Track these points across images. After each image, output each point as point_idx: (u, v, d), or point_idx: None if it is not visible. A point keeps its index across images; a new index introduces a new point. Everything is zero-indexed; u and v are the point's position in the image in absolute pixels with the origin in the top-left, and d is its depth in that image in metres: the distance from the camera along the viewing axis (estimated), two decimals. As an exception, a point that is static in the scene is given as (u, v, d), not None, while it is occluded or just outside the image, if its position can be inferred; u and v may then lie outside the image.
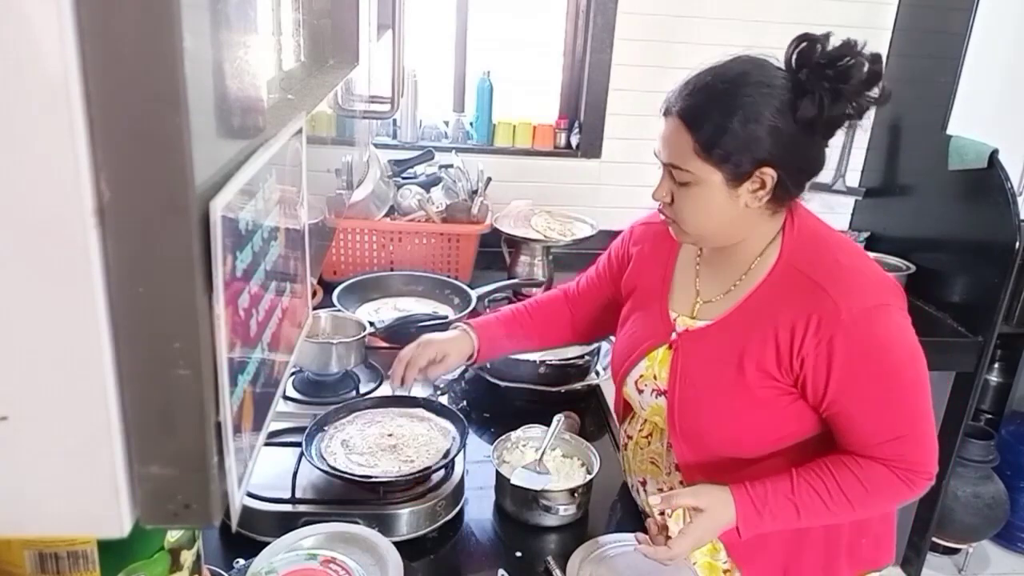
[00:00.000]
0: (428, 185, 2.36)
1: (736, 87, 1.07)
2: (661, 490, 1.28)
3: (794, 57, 1.07)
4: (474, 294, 1.98)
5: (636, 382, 1.30)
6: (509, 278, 2.23)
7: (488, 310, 1.92)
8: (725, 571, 1.28)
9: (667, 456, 1.28)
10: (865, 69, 1.05)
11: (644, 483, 1.34)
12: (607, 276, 1.45)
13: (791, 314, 1.11)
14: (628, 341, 1.32)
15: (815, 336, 1.09)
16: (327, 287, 1.96)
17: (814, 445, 1.18)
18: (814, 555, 1.25)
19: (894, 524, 1.35)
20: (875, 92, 1.07)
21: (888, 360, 1.10)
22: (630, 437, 1.37)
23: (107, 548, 0.67)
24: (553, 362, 1.67)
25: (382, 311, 1.96)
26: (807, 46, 1.06)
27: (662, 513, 1.14)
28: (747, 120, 1.06)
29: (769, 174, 1.09)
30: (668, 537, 1.11)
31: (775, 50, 1.12)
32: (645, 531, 1.17)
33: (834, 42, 1.06)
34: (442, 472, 1.28)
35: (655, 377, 1.26)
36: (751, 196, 1.11)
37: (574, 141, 2.66)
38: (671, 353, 1.24)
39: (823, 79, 1.05)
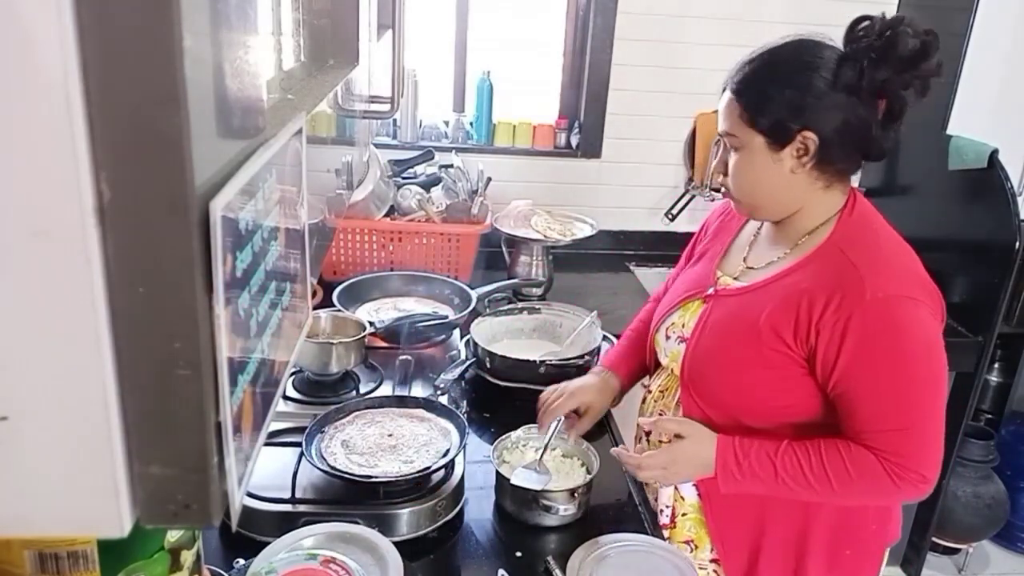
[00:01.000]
0: (428, 185, 2.36)
1: (782, 59, 1.16)
2: (661, 443, 1.30)
3: (847, 34, 1.13)
4: (474, 294, 1.98)
5: (667, 329, 1.37)
6: (509, 278, 2.23)
7: (488, 310, 1.92)
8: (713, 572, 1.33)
9: (674, 412, 1.32)
10: (913, 42, 1.08)
11: (648, 432, 1.37)
12: (683, 267, 1.51)
13: (818, 287, 1.14)
14: (672, 294, 1.40)
15: (835, 311, 1.11)
16: (327, 287, 1.96)
17: (818, 431, 1.18)
18: (823, 531, 1.27)
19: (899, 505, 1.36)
20: (929, 65, 1.10)
21: (902, 348, 1.11)
22: (649, 391, 1.44)
23: (107, 548, 0.67)
24: (553, 362, 1.67)
25: (382, 311, 1.96)
26: (866, 25, 1.11)
27: (648, 433, 1.23)
28: (788, 86, 1.13)
29: (811, 138, 1.13)
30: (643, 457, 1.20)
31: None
32: (647, 531, 1.21)
33: (886, 16, 1.11)
34: (442, 472, 1.28)
35: (683, 325, 1.33)
36: (795, 162, 1.15)
37: (574, 141, 2.66)
38: (703, 306, 1.30)
39: (869, 48, 1.10)
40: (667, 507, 1.37)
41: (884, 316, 1.09)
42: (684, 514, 1.35)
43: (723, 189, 1.26)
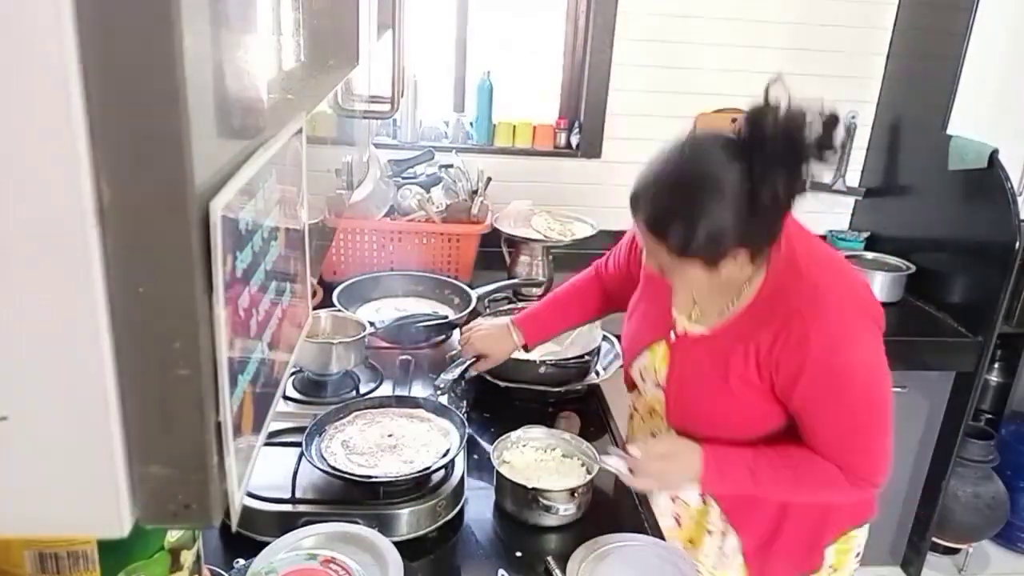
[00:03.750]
0: (428, 185, 2.36)
1: (692, 192, 1.10)
2: None
3: (747, 136, 1.08)
4: (474, 294, 1.98)
5: (641, 371, 1.43)
6: (509, 278, 2.23)
7: (488, 310, 1.92)
8: (709, 531, 1.40)
9: (666, 431, 1.40)
10: (816, 131, 1.06)
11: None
12: (629, 260, 1.56)
13: (769, 335, 1.20)
14: (636, 329, 1.44)
15: (786, 352, 1.19)
16: (327, 287, 1.96)
17: (796, 434, 1.27)
18: (803, 515, 1.35)
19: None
20: (833, 141, 1.08)
21: (847, 387, 1.19)
22: (636, 410, 1.53)
23: (107, 548, 0.67)
24: (553, 362, 1.67)
25: (382, 311, 1.96)
26: (758, 120, 1.06)
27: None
28: (710, 222, 1.09)
29: (743, 251, 1.14)
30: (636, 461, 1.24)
31: (774, 50, 1.12)
32: (647, 531, 1.25)
33: (784, 110, 1.06)
34: (442, 472, 1.28)
35: (655, 371, 1.38)
36: (731, 268, 1.16)
37: (574, 141, 2.66)
38: (669, 353, 1.35)
39: (777, 162, 1.06)
40: (662, 515, 1.41)
41: (829, 360, 1.17)
42: (690, 517, 1.42)
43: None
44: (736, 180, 1.08)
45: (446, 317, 1.91)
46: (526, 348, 1.61)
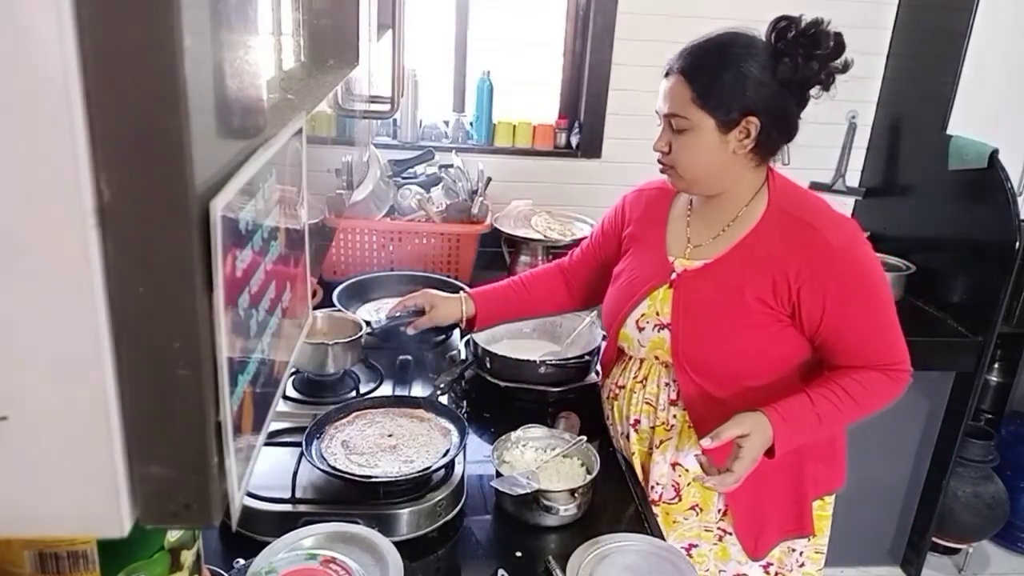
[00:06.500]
0: (428, 185, 2.36)
1: (727, 48, 1.27)
2: (655, 428, 1.45)
3: (774, 32, 1.27)
4: (474, 294, 1.98)
5: (637, 321, 1.43)
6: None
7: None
8: (719, 529, 1.44)
9: (662, 394, 1.43)
10: (831, 40, 1.24)
11: (637, 422, 1.46)
12: (600, 243, 1.61)
13: (787, 250, 1.28)
14: (626, 287, 1.46)
15: (810, 268, 1.26)
16: (327, 287, 1.96)
17: (809, 368, 1.36)
18: (783, 481, 1.41)
19: (844, 451, 1.50)
20: (840, 62, 1.26)
21: (871, 283, 1.29)
22: (621, 387, 1.50)
23: (107, 548, 0.67)
24: (553, 362, 1.67)
25: (382, 311, 1.95)
26: (784, 23, 1.26)
27: (703, 452, 1.28)
28: (736, 74, 1.24)
29: (753, 123, 1.26)
30: (726, 470, 1.24)
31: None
32: (647, 531, 1.25)
33: (804, 19, 1.25)
34: (442, 472, 1.28)
35: (657, 313, 1.40)
36: (738, 144, 1.28)
37: (574, 141, 2.66)
38: (672, 291, 1.39)
39: (798, 45, 1.24)
40: (659, 483, 1.45)
41: (853, 261, 1.27)
42: (688, 484, 1.43)
43: (661, 166, 1.36)
44: (764, 48, 1.26)
45: (446, 317, 1.91)
46: (471, 326, 1.63)
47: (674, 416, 1.42)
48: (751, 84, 1.24)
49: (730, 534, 1.45)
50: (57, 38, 0.32)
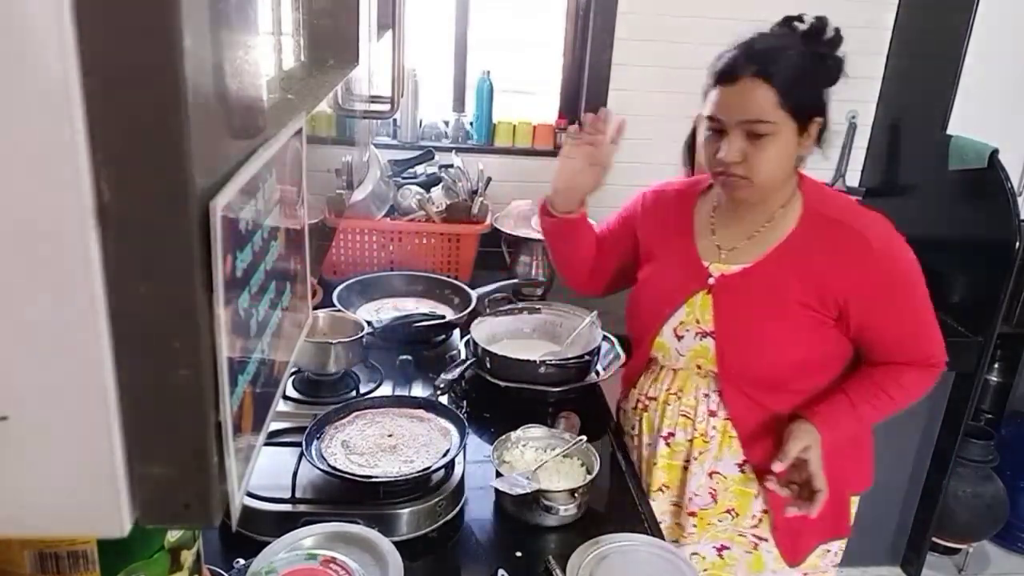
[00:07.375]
0: (428, 185, 2.36)
1: (789, 50, 1.23)
2: (692, 440, 1.41)
3: (809, 34, 1.25)
4: (474, 294, 1.98)
5: (675, 329, 1.39)
6: (509, 278, 2.23)
7: (488, 310, 1.92)
8: (754, 536, 1.43)
9: (701, 405, 1.39)
10: (840, 39, 1.26)
11: (671, 435, 1.43)
12: (615, 230, 1.55)
13: (829, 253, 1.27)
14: (659, 294, 1.41)
15: (855, 271, 1.25)
16: (327, 287, 1.96)
17: (848, 367, 1.36)
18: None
19: (872, 449, 1.50)
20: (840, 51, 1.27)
21: (912, 280, 1.29)
22: (652, 398, 1.46)
23: (107, 548, 0.67)
24: (553, 362, 1.67)
25: (382, 311, 1.96)
26: (817, 24, 1.25)
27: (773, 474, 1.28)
28: (811, 75, 1.24)
29: (818, 124, 1.26)
30: (813, 491, 1.26)
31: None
32: (647, 531, 1.25)
33: (817, 21, 1.26)
34: (442, 472, 1.28)
35: (697, 321, 1.37)
36: (804, 147, 1.27)
37: (574, 141, 2.66)
38: (711, 297, 1.35)
39: (832, 46, 1.25)
40: (697, 494, 1.42)
41: (892, 257, 1.27)
42: (726, 489, 1.42)
43: (722, 177, 1.27)
44: (797, 38, 1.25)
45: (444, 317, 1.91)
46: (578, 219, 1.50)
47: (713, 427, 1.39)
48: (818, 85, 1.25)
49: (765, 540, 1.42)
50: (57, 38, 0.32)
